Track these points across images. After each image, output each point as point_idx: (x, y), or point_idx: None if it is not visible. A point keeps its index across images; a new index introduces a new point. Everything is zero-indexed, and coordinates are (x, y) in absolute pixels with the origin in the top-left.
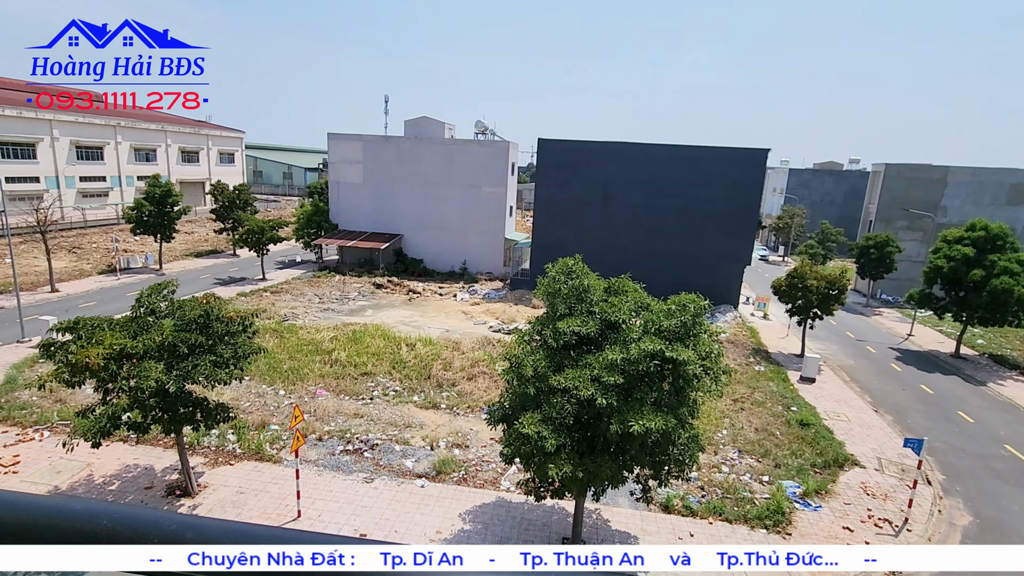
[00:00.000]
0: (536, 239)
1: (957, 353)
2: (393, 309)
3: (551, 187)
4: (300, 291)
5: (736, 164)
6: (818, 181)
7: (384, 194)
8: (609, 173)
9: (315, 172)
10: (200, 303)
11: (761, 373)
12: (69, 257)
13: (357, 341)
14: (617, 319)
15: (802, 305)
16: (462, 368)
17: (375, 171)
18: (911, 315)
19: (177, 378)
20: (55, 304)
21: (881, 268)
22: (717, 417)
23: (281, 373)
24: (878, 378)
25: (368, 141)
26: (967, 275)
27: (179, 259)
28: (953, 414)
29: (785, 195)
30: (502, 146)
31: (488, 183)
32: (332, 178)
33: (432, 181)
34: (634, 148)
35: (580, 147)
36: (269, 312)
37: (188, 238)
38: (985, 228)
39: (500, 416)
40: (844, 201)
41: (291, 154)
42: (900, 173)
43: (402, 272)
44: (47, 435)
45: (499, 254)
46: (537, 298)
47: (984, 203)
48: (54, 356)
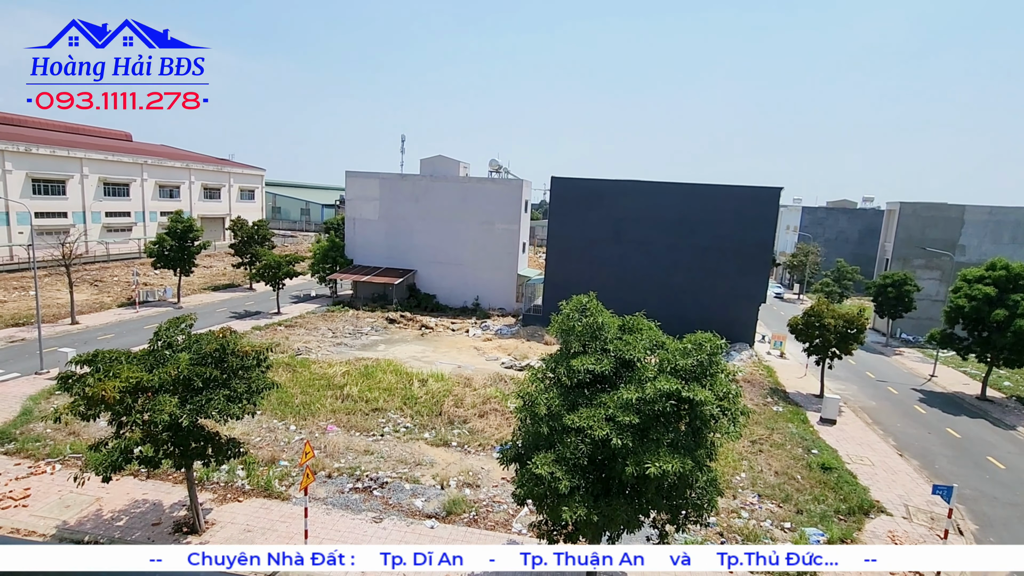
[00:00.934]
0: (549, 276)
1: (983, 395)
2: (405, 344)
3: (564, 224)
4: (314, 325)
5: (749, 202)
6: (832, 219)
7: (399, 230)
8: (622, 211)
9: (332, 208)
10: (216, 337)
11: (779, 414)
12: (91, 290)
13: (369, 376)
14: (632, 357)
15: (820, 344)
16: (474, 405)
17: (391, 208)
18: (933, 355)
19: (191, 412)
20: (75, 336)
21: (900, 307)
22: (735, 459)
23: (292, 408)
24: (902, 420)
25: (384, 179)
26: (989, 315)
27: (197, 292)
28: (983, 459)
29: (799, 233)
30: (515, 184)
31: (501, 220)
32: (348, 214)
33: (446, 218)
34: (646, 186)
35: (592, 185)
36: (283, 346)
37: (206, 272)
38: (1006, 267)
39: (512, 455)
40: (859, 239)
41: (309, 191)
42: (916, 212)
43: (415, 307)
44: (59, 468)
45: (512, 290)
46: (550, 335)
47: (1003, 242)
48: (71, 388)
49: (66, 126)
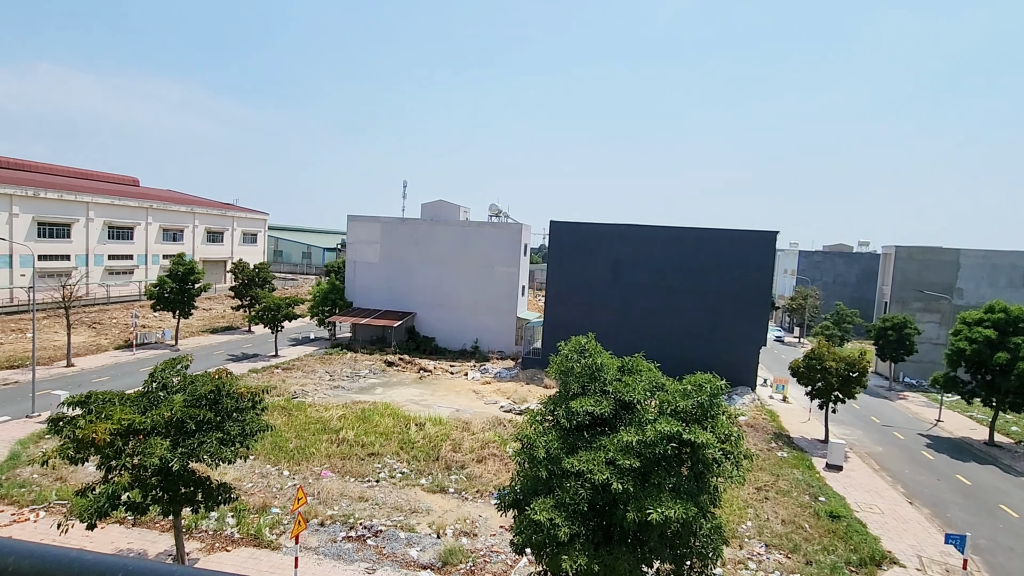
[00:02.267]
0: (548, 318)
1: (991, 441)
2: (403, 387)
3: (563, 268)
4: (311, 368)
5: (746, 246)
6: (829, 263)
7: (399, 273)
8: (620, 254)
9: (333, 252)
10: (212, 378)
11: (784, 459)
12: (88, 332)
13: (365, 420)
14: (632, 399)
15: (822, 388)
16: (472, 449)
17: (391, 251)
18: (938, 400)
19: (182, 455)
20: (69, 379)
21: (901, 350)
22: (740, 507)
23: (287, 452)
24: (910, 467)
25: (386, 223)
26: (992, 358)
27: (195, 335)
28: (995, 508)
29: (797, 276)
30: (515, 228)
31: (501, 263)
32: (349, 257)
33: (446, 261)
34: (644, 230)
35: (591, 229)
36: (279, 389)
37: (206, 314)
38: (1004, 310)
39: (511, 501)
40: (857, 282)
41: (311, 235)
42: (911, 255)
43: (414, 350)
44: (43, 515)
45: (511, 333)
46: (549, 377)
47: (1000, 285)
48: (62, 431)
49: (76, 171)
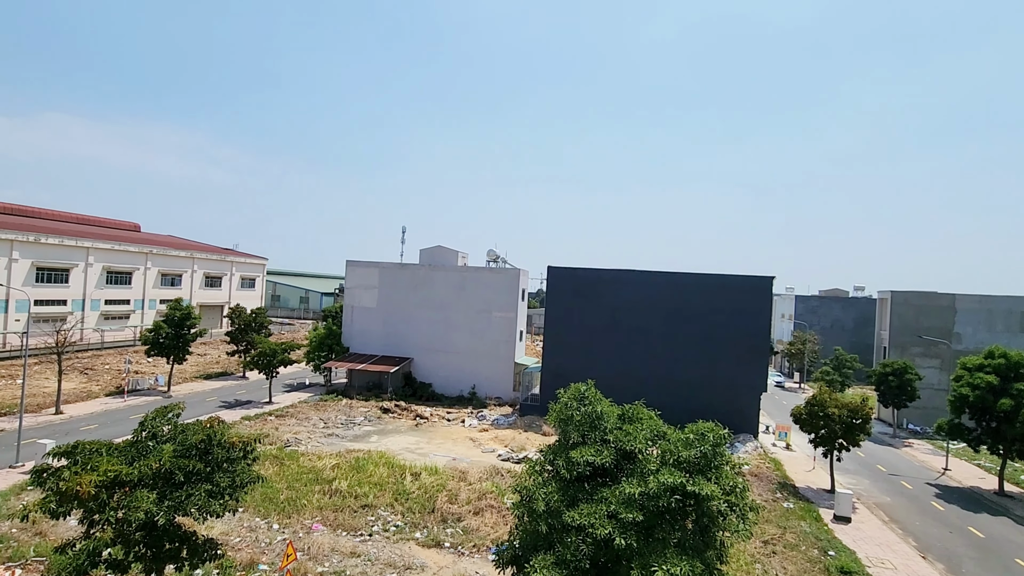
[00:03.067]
0: (546, 364)
1: (1001, 490)
2: (399, 435)
3: (561, 313)
4: (305, 415)
5: (742, 291)
6: (826, 308)
7: (397, 318)
8: (618, 299)
9: (331, 297)
10: (203, 427)
11: (790, 511)
12: (80, 378)
13: (359, 470)
14: (633, 448)
15: (826, 435)
16: (468, 501)
17: (389, 296)
18: (944, 447)
19: (168, 509)
20: (56, 427)
21: (903, 396)
22: (747, 562)
23: (277, 504)
24: (920, 518)
25: (384, 268)
26: (995, 404)
27: (188, 381)
28: (1011, 562)
29: (794, 321)
30: (512, 273)
31: (499, 309)
32: (347, 302)
33: (444, 306)
34: (642, 276)
35: (588, 275)
36: (272, 437)
37: (200, 360)
38: (1004, 356)
39: (509, 557)
40: (855, 327)
41: (309, 279)
42: (907, 300)
43: (410, 396)
44: (19, 573)
45: (509, 379)
46: (548, 424)
47: (998, 330)
48: (45, 483)
49: (78, 217)
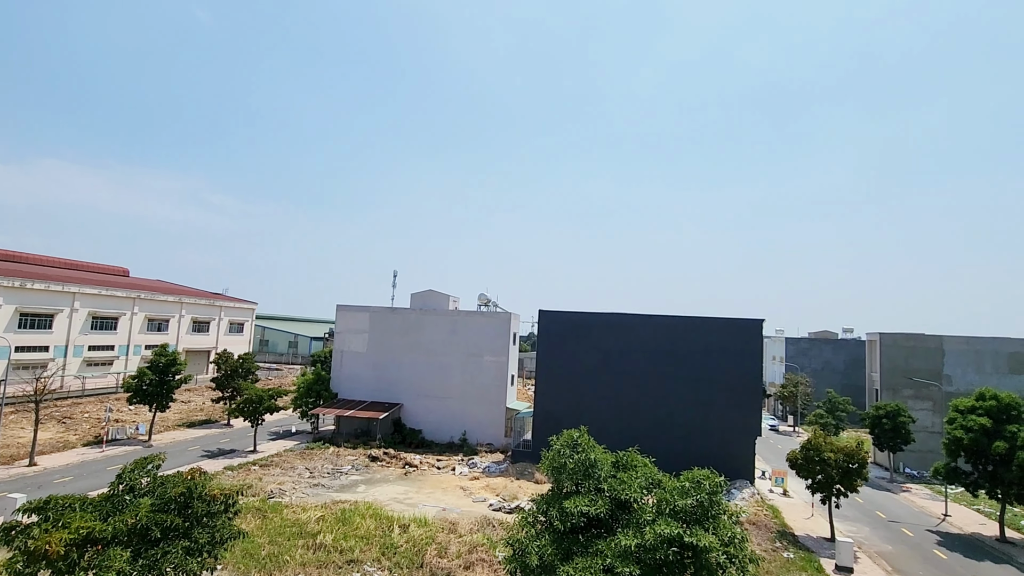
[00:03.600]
0: (538, 409)
1: (1003, 536)
2: (387, 484)
3: (553, 357)
4: (291, 464)
5: (733, 333)
6: (816, 350)
7: (386, 363)
8: (610, 343)
9: (320, 341)
10: (184, 479)
11: (791, 561)
12: (57, 428)
13: (345, 522)
14: (628, 497)
15: (823, 481)
16: (459, 554)
17: (380, 341)
18: (943, 492)
19: (143, 569)
20: (29, 480)
21: (898, 439)
22: None
23: (258, 560)
24: (923, 568)
25: (375, 312)
26: (990, 447)
27: (171, 429)
28: None
29: (786, 363)
30: (503, 317)
31: (490, 353)
32: (336, 347)
33: (435, 351)
34: (632, 319)
35: (579, 318)
36: (255, 488)
37: (184, 407)
38: (995, 398)
39: None
40: (846, 369)
41: (298, 324)
42: (896, 342)
43: (399, 443)
44: None
45: (500, 424)
46: (541, 472)
47: (986, 371)
48: (13, 541)
49: (67, 262)
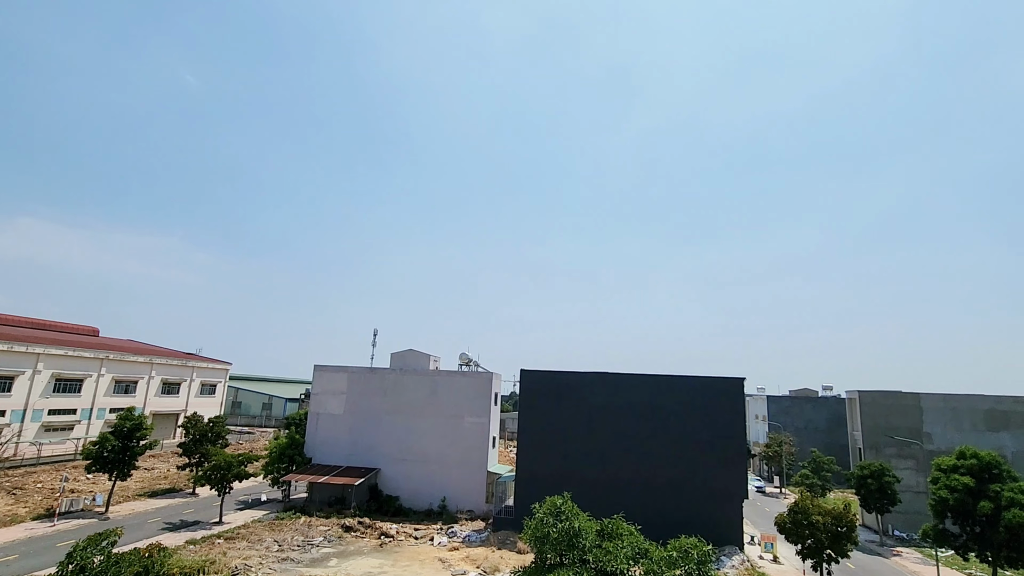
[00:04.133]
0: (520, 472)
1: None
2: (361, 557)
3: (535, 418)
4: (259, 536)
5: (715, 393)
6: (797, 408)
7: (364, 426)
8: (592, 403)
9: (296, 403)
10: (140, 557)
11: None
12: (6, 500)
13: None
14: (614, 569)
15: (812, 546)
16: None
17: (358, 402)
18: (933, 555)
19: None
20: None
21: (884, 500)
22: None
23: None
24: None
25: (353, 372)
26: (975, 507)
27: (131, 499)
28: None
29: (768, 422)
30: (485, 377)
31: (471, 414)
32: (312, 409)
33: (414, 412)
34: (614, 378)
35: (561, 378)
36: (218, 564)
37: (146, 475)
38: (976, 456)
39: None
40: (828, 427)
41: (273, 384)
42: (875, 400)
43: (375, 511)
44: None
45: (481, 489)
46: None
47: (965, 429)
48: None
49: (35, 321)
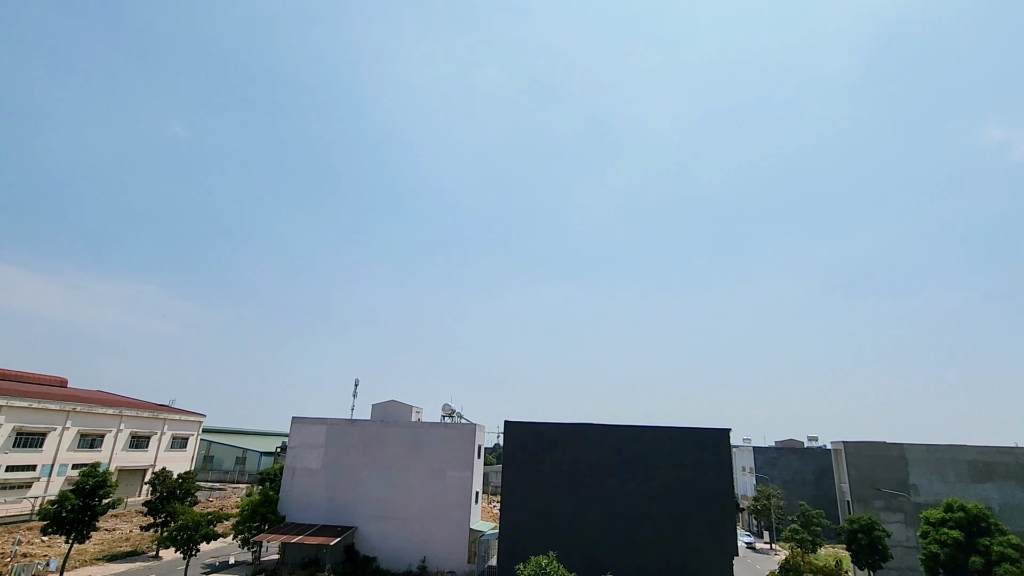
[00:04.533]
0: (504, 530)
1: None
2: None
3: (519, 472)
4: None
5: (700, 444)
6: (784, 459)
7: (342, 481)
8: (577, 455)
9: (271, 456)
10: None
11: None
12: None
13: None
14: None
15: None
16: None
17: (336, 456)
18: None
19: None
20: None
21: (876, 556)
22: None
23: None
24: None
25: (332, 425)
26: (967, 562)
27: (88, 564)
28: None
29: (756, 475)
30: (468, 429)
31: (453, 467)
32: (288, 463)
33: (395, 466)
34: (599, 429)
35: (547, 429)
36: None
37: (107, 537)
38: (963, 509)
39: None
40: (815, 480)
41: (248, 437)
42: (860, 451)
43: (351, 573)
44: None
45: (463, 548)
46: None
47: (951, 481)
48: None
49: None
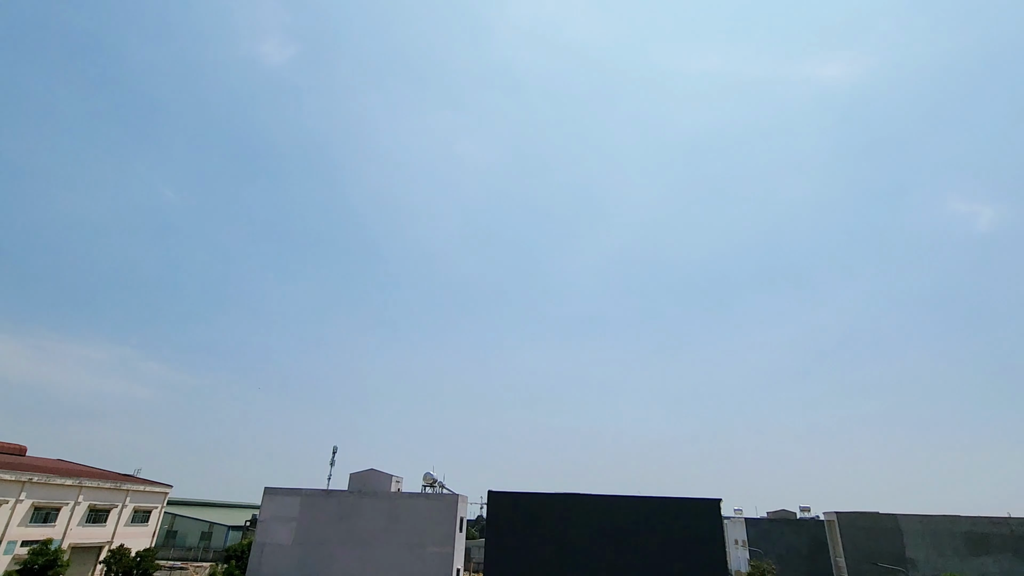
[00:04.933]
0: None
1: None
2: None
3: (503, 547)
4: None
5: (691, 515)
6: (777, 531)
7: (314, 558)
8: (564, 526)
9: (240, 531)
10: None
11: None
12: None
13: None
14: None
15: None
16: None
17: (309, 530)
18: None
19: None
20: None
21: None
22: None
23: None
24: None
25: (307, 496)
26: None
27: None
28: None
29: (749, 548)
30: (450, 499)
31: (433, 542)
32: (258, 539)
33: (371, 541)
34: (587, 500)
35: (532, 500)
36: None
37: None
38: None
39: None
40: (809, 553)
41: (216, 510)
42: (853, 522)
43: None
44: None
45: None
46: None
47: (947, 554)
48: None
49: None
